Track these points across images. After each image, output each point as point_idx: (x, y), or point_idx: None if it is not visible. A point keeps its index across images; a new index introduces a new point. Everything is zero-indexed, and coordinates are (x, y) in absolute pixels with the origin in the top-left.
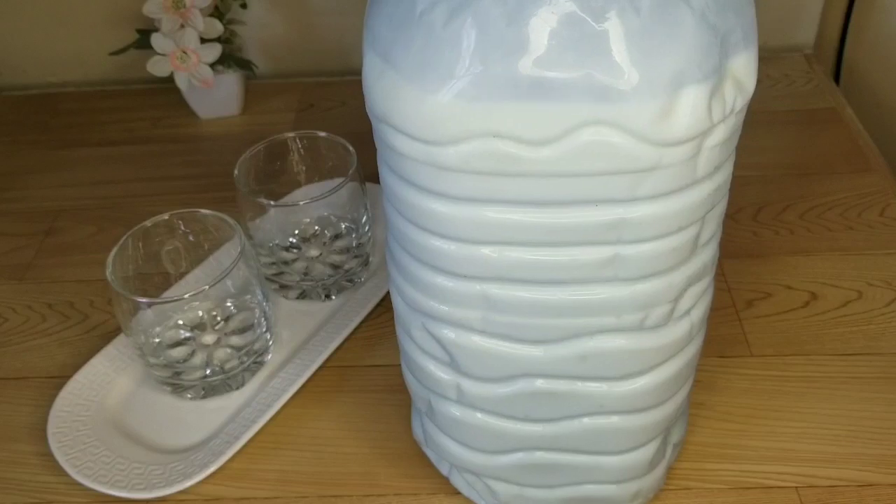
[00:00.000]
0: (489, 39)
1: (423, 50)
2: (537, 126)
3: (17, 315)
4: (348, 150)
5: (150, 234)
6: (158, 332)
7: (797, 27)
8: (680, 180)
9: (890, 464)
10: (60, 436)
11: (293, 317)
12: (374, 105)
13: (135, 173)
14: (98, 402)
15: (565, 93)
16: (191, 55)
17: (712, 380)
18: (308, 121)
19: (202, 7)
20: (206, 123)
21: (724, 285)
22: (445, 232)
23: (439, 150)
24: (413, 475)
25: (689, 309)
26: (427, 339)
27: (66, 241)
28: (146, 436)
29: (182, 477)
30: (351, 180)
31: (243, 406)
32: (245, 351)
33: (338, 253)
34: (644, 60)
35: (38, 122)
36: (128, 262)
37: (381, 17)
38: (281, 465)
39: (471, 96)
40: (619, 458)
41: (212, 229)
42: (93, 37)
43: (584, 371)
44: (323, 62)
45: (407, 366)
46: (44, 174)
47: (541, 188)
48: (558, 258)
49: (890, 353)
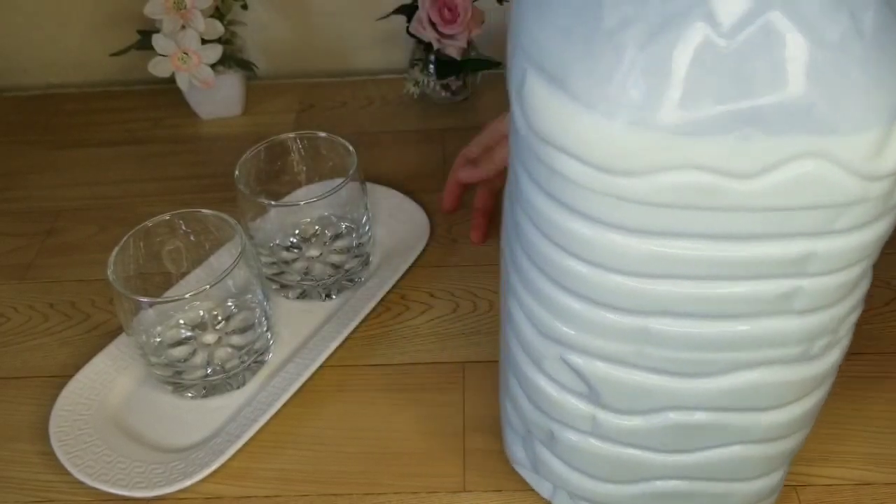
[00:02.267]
0: (700, 67)
1: (612, 75)
2: (746, 158)
3: (19, 315)
4: (349, 151)
5: (152, 233)
6: (159, 332)
7: None
8: (875, 212)
9: (887, 463)
10: (62, 434)
11: (294, 316)
12: (539, 124)
13: (136, 174)
14: (99, 401)
15: (779, 124)
16: (192, 56)
17: None
18: (309, 121)
19: (203, 8)
20: (206, 124)
21: None
22: (614, 265)
23: (625, 182)
24: (413, 474)
25: (842, 337)
26: (563, 370)
27: (68, 240)
28: (147, 435)
29: (183, 476)
30: (351, 180)
31: (244, 405)
32: (246, 350)
33: (338, 253)
34: (865, 89)
35: (39, 123)
36: (129, 261)
37: (552, 29)
38: (281, 463)
39: (674, 128)
40: (752, 483)
41: (213, 229)
42: (94, 38)
43: (736, 402)
44: (323, 63)
45: (527, 394)
46: (45, 174)
47: (733, 221)
48: (734, 291)
49: (888, 352)
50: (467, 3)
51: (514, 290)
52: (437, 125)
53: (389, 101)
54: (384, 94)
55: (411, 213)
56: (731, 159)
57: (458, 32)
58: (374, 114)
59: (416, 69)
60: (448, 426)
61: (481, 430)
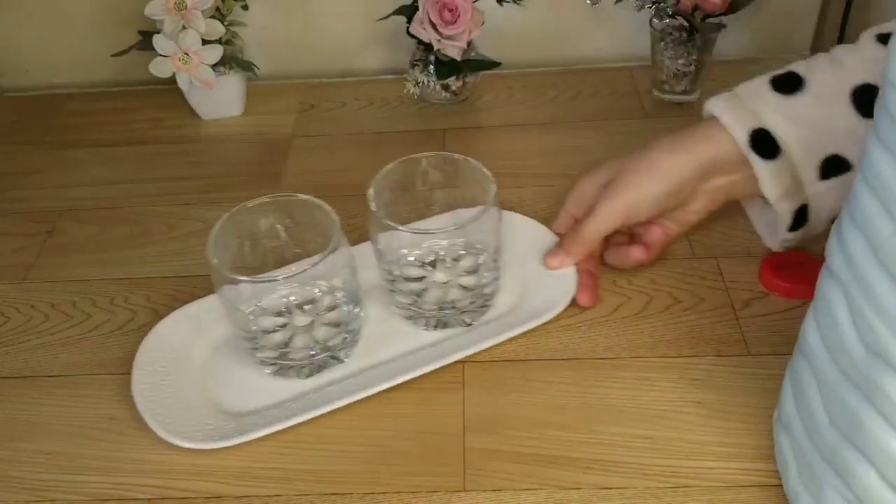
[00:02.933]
0: None
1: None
2: None
3: (20, 314)
4: (487, 177)
5: (250, 214)
6: (257, 312)
7: (794, 30)
8: None
9: None
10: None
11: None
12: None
13: (137, 174)
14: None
15: None
16: (192, 56)
17: (710, 379)
18: (309, 122)
19: (203, 8)
20: (207, 124)
21: (721, 285)
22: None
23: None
24: (413, 473)
25: None
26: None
27: (69, 241)
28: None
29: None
30: (491, 206)
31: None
32: (321, 345)
33: (466, 274)
34: None
35: (40, 124)
36: (227, 241)
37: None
38: (282, 462)
39: None
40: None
41: (309, 215)
42: (95, 38)
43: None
44: (323, 63)
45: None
46: (46, 175)
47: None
48: None
49: None
50: (467, 4)
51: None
52: (437, 125)
53: (389, 101)
54: (384, 94)
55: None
56: None
57: (458, 33)
58: (374, 114)
59: (416, 69)
60: (448, 426)
61: (481, 430)
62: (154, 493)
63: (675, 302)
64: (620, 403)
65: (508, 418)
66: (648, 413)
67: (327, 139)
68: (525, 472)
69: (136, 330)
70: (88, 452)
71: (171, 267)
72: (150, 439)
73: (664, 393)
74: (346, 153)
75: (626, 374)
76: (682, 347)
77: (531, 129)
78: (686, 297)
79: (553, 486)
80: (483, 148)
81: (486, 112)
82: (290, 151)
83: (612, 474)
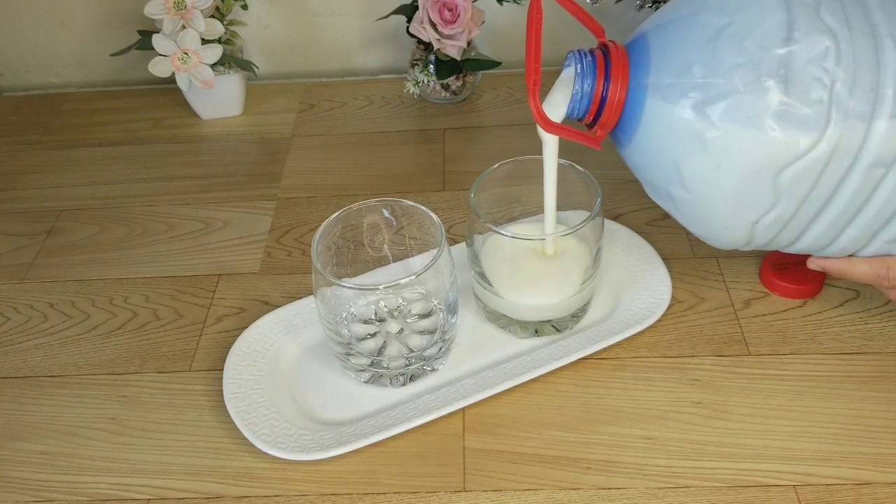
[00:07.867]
0: None
1: None
2: None
3: (19, 314)
4: (593, 185)
5: (356, 217)
6: (349, 318)
7: None
8: None
9: (887, 462)
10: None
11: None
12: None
13: (136, 173)
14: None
15: None
16: (192, 56)
17: (710, 378)
18: (308, 122)
19: (203, 8)
20: (206, 124)
21: (722, 284)
22: None
23: None
24: (412, 473)
25: None
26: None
27: (68, 240)
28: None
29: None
30: (597, 215)
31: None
32: (416, 355)
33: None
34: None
35: (39, 123)
36: (330, 243)
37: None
38: (281, 463)
39: None
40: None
41: (416, 222)
42: (94, 38)
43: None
44: (323, 63)
45: None
46: (46, 174)
47: None
48: None
49: (887, 351)
50: (467, 4)
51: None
52: (437, 125)
53: (389, 101)
54: (384, 94)
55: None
56: None
57: (458, 32)
58: (373, 113)
59: (416, 69)
60: (448, 426)
61: (481, 430)
62: (153, 494)
63: (675, 302)
64: (620, 404)
65: (508, 418)
66: (648, 413)
67: (327, 139)
68: (525, 473)
69: (135, 330)
70: (88, 452)
71: (170, 267)
72: (150, 439)
73: (664, 393)
74: (346, 153)
75: (625, 374)
76: (682, 347)
77: (531, 128)
78: (686, 297)
79: (553, 487)
80: (483, 148)
81: (486, 112)
82: (289, 151)
83: (612, 474)
